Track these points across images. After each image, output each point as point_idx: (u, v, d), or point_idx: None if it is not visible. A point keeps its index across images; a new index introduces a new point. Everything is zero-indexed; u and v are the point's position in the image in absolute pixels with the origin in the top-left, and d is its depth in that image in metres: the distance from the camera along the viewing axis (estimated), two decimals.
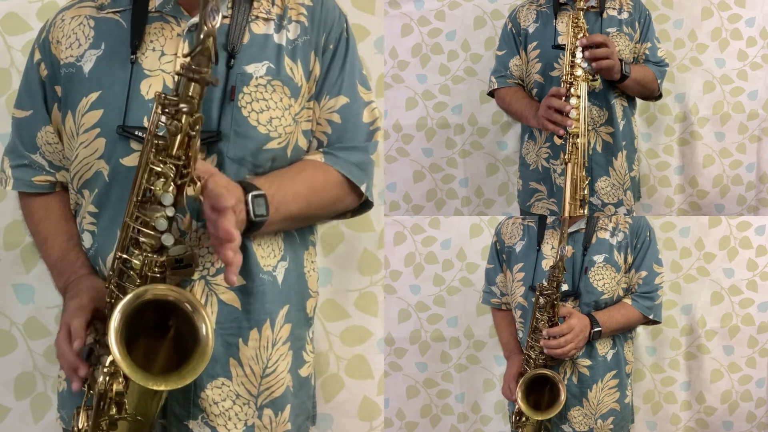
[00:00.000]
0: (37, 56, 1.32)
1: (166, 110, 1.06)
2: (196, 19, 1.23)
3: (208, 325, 1.06)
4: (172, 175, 1.06)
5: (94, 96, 1.23)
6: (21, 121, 1.35)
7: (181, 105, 1.04)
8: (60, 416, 1.36)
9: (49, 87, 1.31)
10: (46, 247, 1.34)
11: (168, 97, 1.06)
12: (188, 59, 1.03)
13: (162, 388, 1.05)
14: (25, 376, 1.88)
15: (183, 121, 1.05)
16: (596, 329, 1.80)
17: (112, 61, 1.24)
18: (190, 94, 1.04)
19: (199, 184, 1.08)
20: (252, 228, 1.18)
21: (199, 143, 1.08)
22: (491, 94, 2.22)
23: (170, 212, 1.07)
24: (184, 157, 1.07)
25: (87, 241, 1.28)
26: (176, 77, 1.06)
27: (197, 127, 1.06)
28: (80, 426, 1.16)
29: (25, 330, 1.88)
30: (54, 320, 1.87)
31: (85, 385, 1.18)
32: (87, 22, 1.28)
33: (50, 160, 1.34)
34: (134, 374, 1.02)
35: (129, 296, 1.05)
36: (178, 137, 1.05)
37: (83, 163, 1.25)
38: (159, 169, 1.06)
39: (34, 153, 1.34)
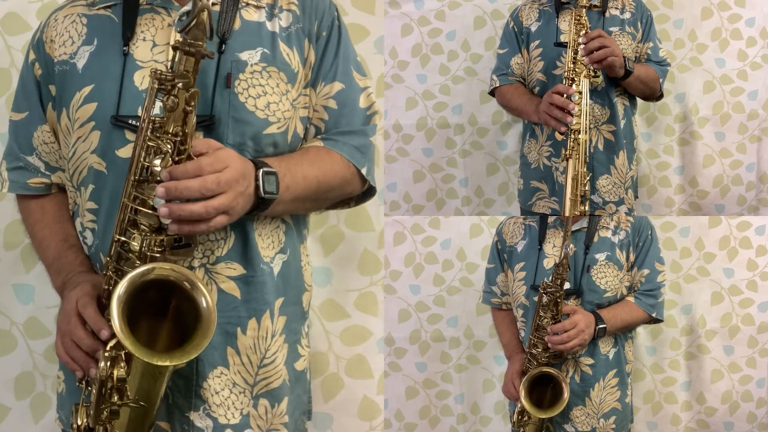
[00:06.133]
0: (32, 56, 1.32)
1: (162, 86, 1.06)
2: (186, 8, 1.24)
3: (208, 299, 1.07)
4: (169, 152, 1.06)
5: (87, 90, 1.23)
6: (17, 123, 1.35)
7: (177, 80, 1.05)
8: (59, 417, 1.36)
9: (43, 86, 1.31)
10: (42, 247, 1.34)
11: (163, 73, 1.06)
12: (183, 34, 1.04)
13: (167, 363, 1.04)
14: (25, 376, 1.88)
15: (179, 96, 1.05)
16: (601, 326, 1.79)
17: (104, 55, 1.24)
18: (184, 68, 1.05)
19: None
20: (260, 206, 1.17)
21: (195, 119, 1.08)
22: (492, 92, 2.23)
23: None
24: (181, 134, 1.07)
25: (89, 238, 1.28)
26: (173, 52, 1.06)
27: (193, 102, 1.07)
28: (79, 423, 1.16)
29: (25, 330, 1.88)
30: (54, 320, 1.87)
31: (83, 382, 1.17)
32: (79, 19, 1.29)
33: (47, 161, 1.34)
34: (138, 350, 1.02)
35: (134, 272, 1.05)
36: (175, 113, 1.05)
37: (81, 158, 1.25)
38: (156, 146, 1.06)
39: (30, 155, 1.34)
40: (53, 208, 1.35)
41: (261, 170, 1.16)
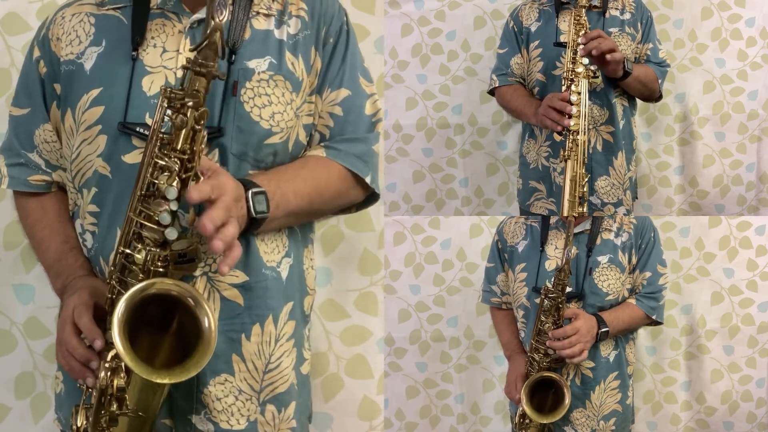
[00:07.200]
0: (36, 53, 1.31)
1: (172, 104, 1.06)
2: (198, 16, 1.23)
3: (211, 319, 1.06)
4: (176, 169, 1.06)
5: (95, 93, 1.22)
6: (18, 119, 1.34)
7: (187, 99, 1.04)
8: (57, 418, 1.36)
9: (48, 85, 1.30)
10: (42, 248, 1.33)
11: (174, 90, 1.06)
12: (195, 53, 1.04)
13: (166, 381, 1.04)
14: (25, 376, 1.88)
15: (189, 115, 1.05)
16: (604, 329, 1.78)
17: (113, 58, 1.23)
18: (195, 88, 1.05)
19: (201, 179, 1.08)
20: (253, 225, 1.18)
21: (203, 137, 1.08)
22: (492, 92, 2.23)
23: (174, 206, 1.06)
24: (188, 152, 1.06)
25: (89, 240, 1.27)
26: (183, 71, 1.06)
27: (202, 121, 1.06)
28: (79, 424, 1.16)
29: (25, 330, 1.88)
30: (54, 320, 1.86)
31: (83, 385, 1.17)
32: (87, 19, 1.28)
33: (47, 159, 1.33)
34: (137, 367, 1.02)
35: (134, 288, 1.05)
36: (184, 131, 1.05)
37: (86, 161, 1.24)
38: (164, 163, 1.06)
39: (31, 152, 1.33)
40: (53, 207, 1.34)
41: (250, 191, 1.16)
